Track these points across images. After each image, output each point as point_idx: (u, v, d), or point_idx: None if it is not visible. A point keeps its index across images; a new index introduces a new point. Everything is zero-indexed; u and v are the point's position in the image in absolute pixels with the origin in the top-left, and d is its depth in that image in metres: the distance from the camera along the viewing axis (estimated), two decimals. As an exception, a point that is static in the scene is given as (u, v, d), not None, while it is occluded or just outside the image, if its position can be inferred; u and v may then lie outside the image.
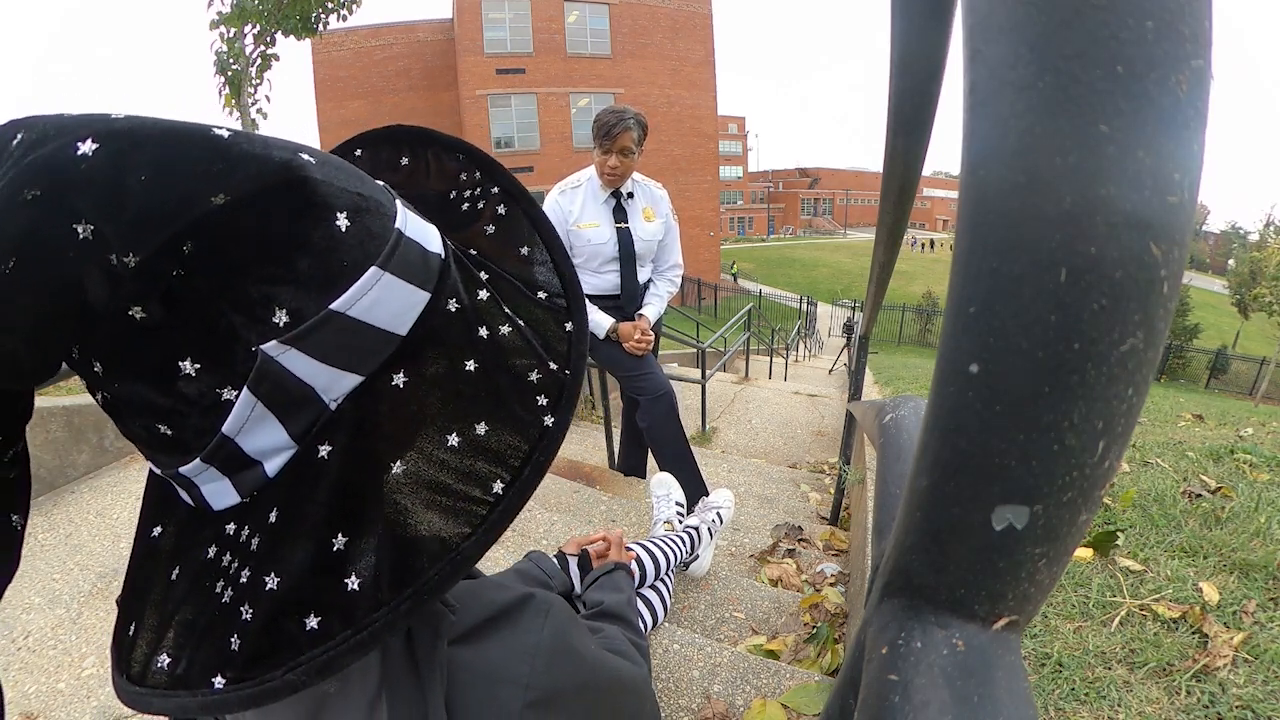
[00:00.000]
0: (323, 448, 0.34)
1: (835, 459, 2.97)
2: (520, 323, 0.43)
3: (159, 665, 0.35)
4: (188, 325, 0.31)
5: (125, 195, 0.28)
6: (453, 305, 0.39)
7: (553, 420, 0.40)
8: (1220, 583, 1.22)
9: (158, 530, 0.39)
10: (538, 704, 0.42)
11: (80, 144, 0.27)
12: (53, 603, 1.68)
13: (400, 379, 0.36)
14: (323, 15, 6.03)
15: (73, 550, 1.90)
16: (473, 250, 0.46)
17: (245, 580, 0.34)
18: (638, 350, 2.12)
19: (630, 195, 2.13)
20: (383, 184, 0.38)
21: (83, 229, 0.27)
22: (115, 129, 0.28)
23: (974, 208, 0.15)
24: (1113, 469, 0.17)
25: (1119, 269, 0.14)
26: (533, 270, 0.47)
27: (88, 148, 0.27)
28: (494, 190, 0.48)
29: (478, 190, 0.48)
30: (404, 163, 0.49)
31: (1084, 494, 0.17)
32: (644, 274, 2.22)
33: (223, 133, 0.30)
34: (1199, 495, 1.58)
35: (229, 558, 0.35)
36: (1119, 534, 1.37)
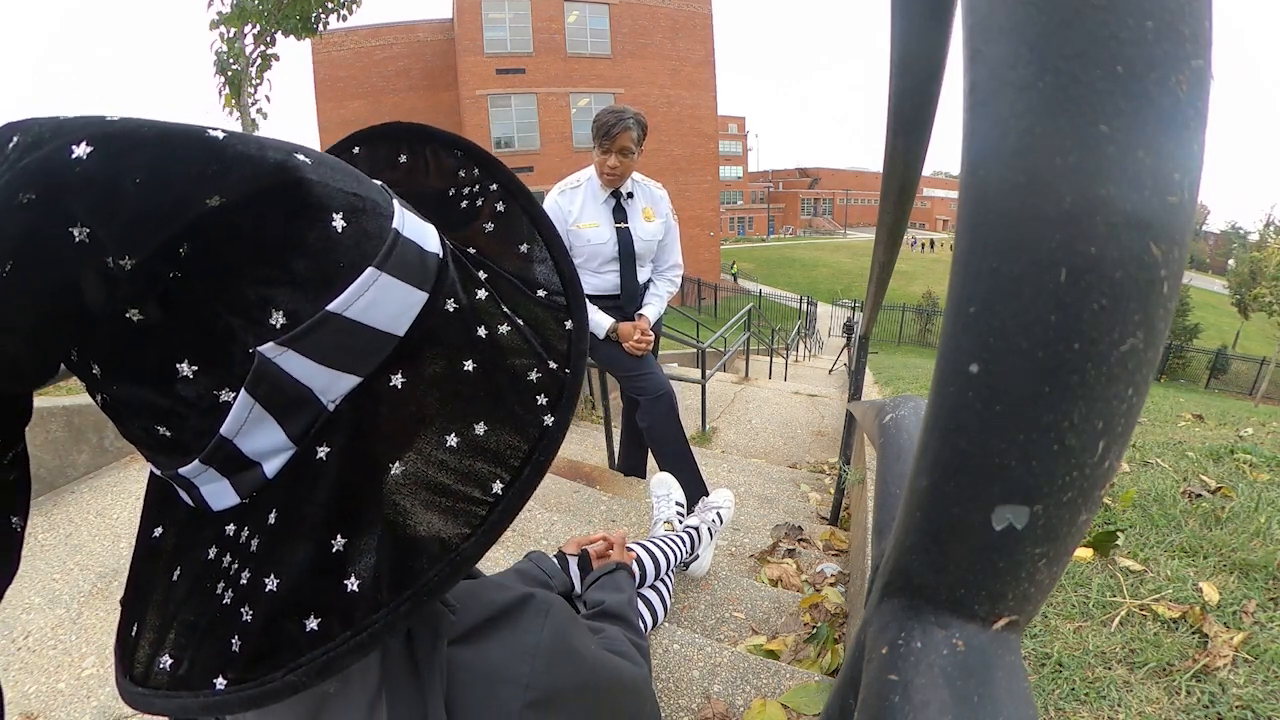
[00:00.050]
0: (321, 449, 0.34)
1: (835, 459, 2.97)
2: (519, 322, 0.42)
3: (161, 666, 0.35)
4: (185, 327, 0.31)
5: (120, 198, 0.28)
6: (451, 305, 0.39)
7: (552, 420, 0.40)
8: (1220, 583, 1.22)
9: (159, 531, 0.39)
10: (537, 704, 0.42)
11: (75, 147, 0.27)
12: (53, 603, 1.68)
13: (398, 380, 0.36)
14: (323, 15, 6.04)
15: (73, 550, 1.90)
16: (472, 249, 0.46)
17: (245, 581, 0.34)
18: (637, 350, 2.13)
19: (630, 195, 2.13)
20: (380, 183, 0.38)
21: (79, 232, 0.27)
22: (109, 132, 0.28)
23: (974, 208, 0.15)
24: (1113, 469, 0.17)
25: (1119, 269, 0.14)
26: (532, 268, 0.47)
27: (82, 151, 0.27)
28: (493, 187, 0.48)
29: (476, 187, 0.48)
30: (402, 160, 0.49)
31: (1084, 494, 0.17)
32: (644, 274, 2.22)
33: (218, 134, 0.30)
34: (1199, 495, 1.58)
35: (229, 559, 0.35)
36: (1119, 534, 1.37)
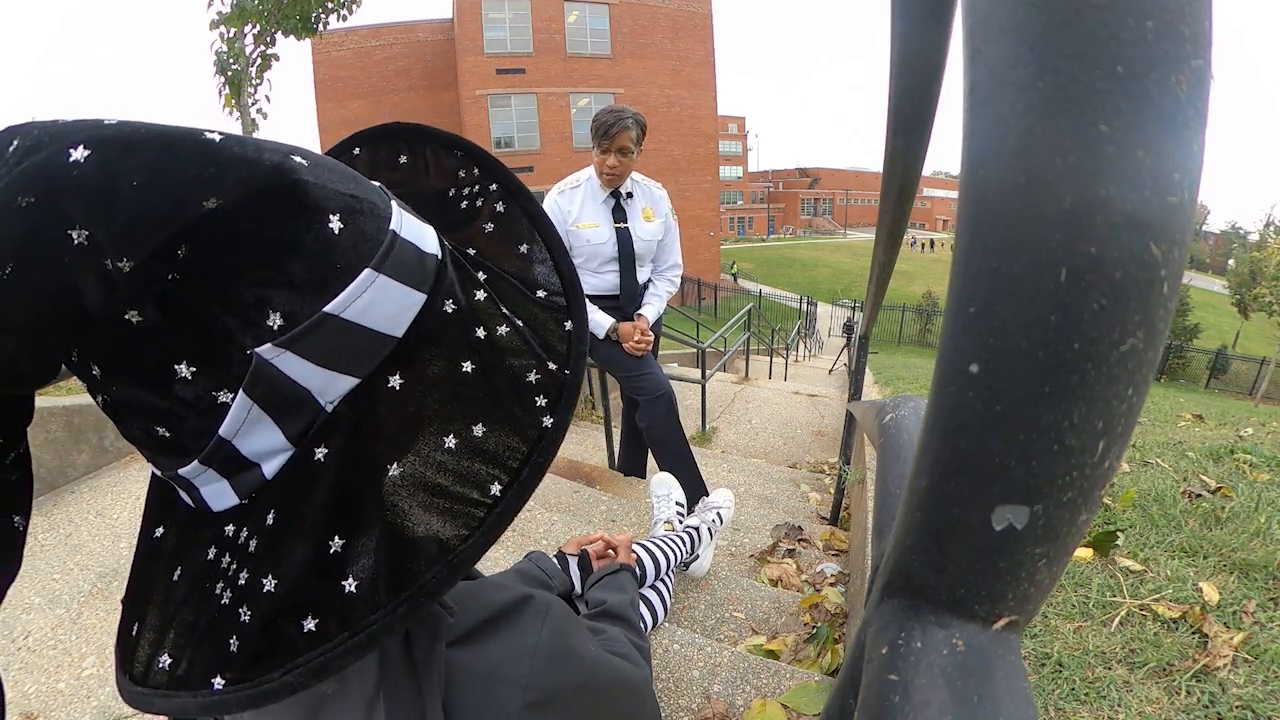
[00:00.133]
0: (320, 450, 0.34)
1: (835, 459, 2.97)
2: (519, 323, 0.42)
3: (160, 665, 0.35)
4: (183, 328, 0.31)
5: (118, 200, 0.28)
6: (449, 306, 0.39)
7: (551, 421, 0.40)
8: (1220, 583, 1.21)
9: (160, 531, 0.39)
10: (536, 705, 0.42)
11: (73, 150, 0.27)
12: (53, 603, 1.68)
13: (397, 381, 0.36)
14: (323, 15, 6.04)
15: (73, 550, 1.90)
16: (472, 249, 0.46)
17: (244, 582, 0.34)
18: (638, 351, 2.13)
19: (629, 195, 2.13)
20: (378, 185, 0.38)
21: (77, 234, 0.27)
22: (107, 135, 0.28)
23: (974, 208, 0.15)
24: (1113, 469, 0.17)
25: (1119, 269, 0.14)
26: (532, 269, 0.47)
27: (80, 154, 0.27)
28: (493, 188, 0.48)
29: (476, 188, 0.48)
30: (402, 160, 0.49)
31: (1084, 494, 0.17)
32: (643, 274, 2.22)
33: (214, 136, 0.30)
34: (1199, 495, 1.58)
35: (228, 559, 0.35)
36: (1119, 534, 1.37)
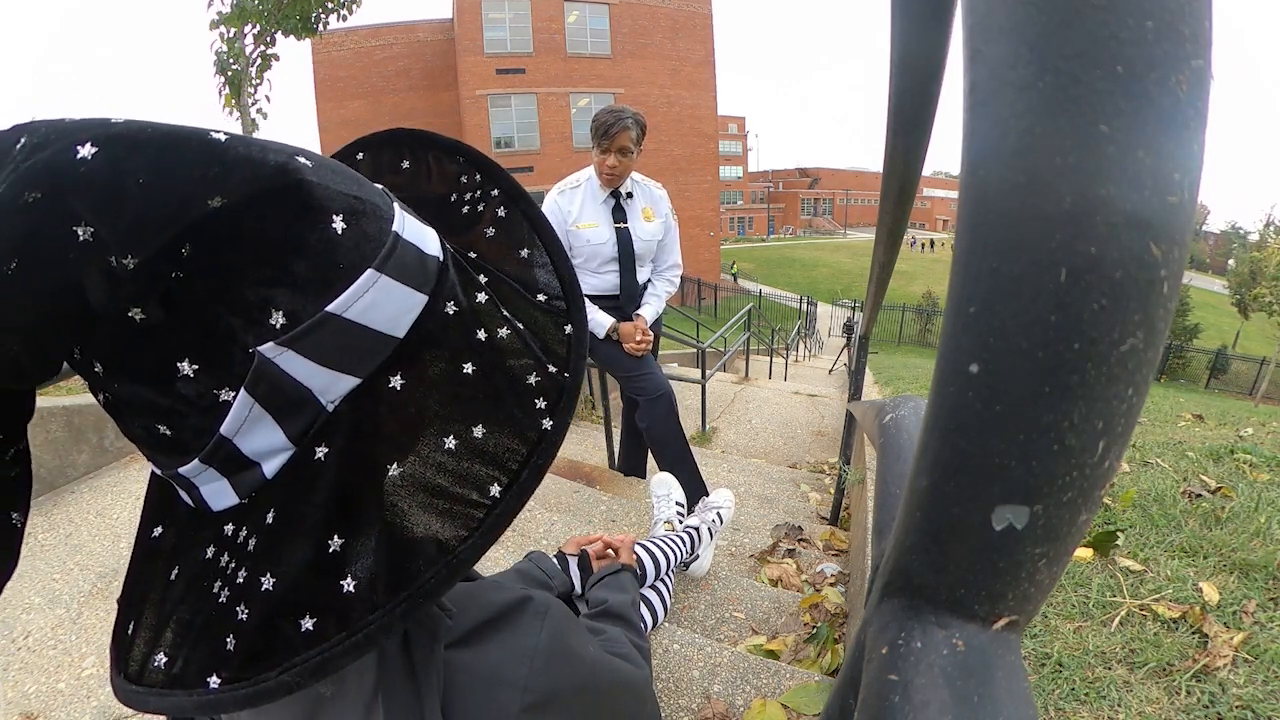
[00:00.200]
0: (320, 449, 0.34)
1: (835, 459, 2.97)
2: (519, 326, 0.42)
3: (156, 664, 0.35)
4: (186, 327, 0.31)
5: (124, 198, 0.28)
6: (451, 308, 0.39)
7: (551, 423, 0.40)
8: (1220, 583, 1.21)
9: (158, 531, 0.39)
10: (536, 706, 0.42)
11: (80, 148, 0.27)
12: (53, 603, 1.68)
13: (398, 381, 0.36)
14: (323, 15, 6.04)
15: (73, 550, 1.90)
16: (473, 253, 0.46)
17: (242, 581, 0.34)
18: (638, 351, 2.13)
19: (629, 195, 2.13)
20: (381, 187, 0.38)
21: (83, 231, 0.28)
22: (113, 133, 0.28)
23: (974, 208, 0.15)
24: (1113, 469, 0.17)
25: (1119, 269, 0.14)
26: (532, 272, 0.47)
27: (87, 151, 0.28)
28: (494, 193, 0.48)
29: (478, 193, 0.49)
30: (405, 166, 0.49)
31: (1084, 494, 0.17)
32: (643, 274, 2.22)
33: (220, 136, 0.30)
34: (1199, 495, 1.58)
35: (227, 558, 0.35)
36: (1119, 534, 1.37)
